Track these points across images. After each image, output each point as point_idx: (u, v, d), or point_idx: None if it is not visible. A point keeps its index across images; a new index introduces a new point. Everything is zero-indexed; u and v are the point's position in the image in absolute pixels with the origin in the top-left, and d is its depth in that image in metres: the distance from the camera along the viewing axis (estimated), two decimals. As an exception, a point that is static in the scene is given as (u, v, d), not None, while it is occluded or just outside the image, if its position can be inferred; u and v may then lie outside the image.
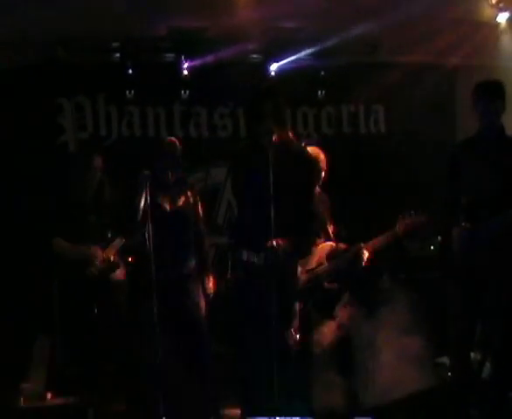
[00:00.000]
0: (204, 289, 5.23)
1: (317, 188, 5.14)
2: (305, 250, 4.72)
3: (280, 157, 4.27)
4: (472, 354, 4.83)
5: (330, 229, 5.36)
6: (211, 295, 5.27)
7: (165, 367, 4.66)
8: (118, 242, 5.30)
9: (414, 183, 6.65)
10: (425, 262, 6.03)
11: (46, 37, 5.91)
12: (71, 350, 5.26)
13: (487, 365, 5.03)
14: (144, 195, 4.80)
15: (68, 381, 5.32)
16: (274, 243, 4.22)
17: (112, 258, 5.27)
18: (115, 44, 6.40)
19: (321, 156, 5.28)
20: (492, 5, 6.17)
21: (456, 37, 6.46)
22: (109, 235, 5.34)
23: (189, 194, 5.19)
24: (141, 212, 4.85)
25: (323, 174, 5.27)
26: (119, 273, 5.39)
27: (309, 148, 5.21)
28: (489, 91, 4.55)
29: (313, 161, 4.75)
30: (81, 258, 5.19)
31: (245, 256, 4.44)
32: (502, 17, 6.32)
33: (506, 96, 4.56)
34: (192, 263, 5.16)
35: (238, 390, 4.69)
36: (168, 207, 5.11)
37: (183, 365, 4.93)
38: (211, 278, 5.28)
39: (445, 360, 5.23)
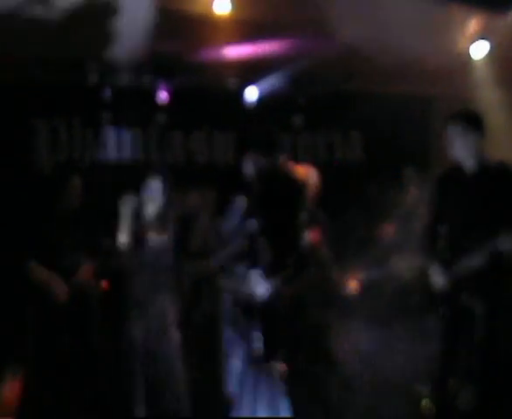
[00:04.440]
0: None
1: None
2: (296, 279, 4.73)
3: (267, 186, 4.27)
4: (452, 382, 4.81)
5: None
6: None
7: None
8: (89, 266, 5.22)
9: (391, 212, 6.66)
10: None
11: (22, 57, 5.86)
12: (43, 378, 5.14)
13: (465, 393, 5.02)
14: (127, 218, 4.76)
15: (40, 410, 5.20)
16: (259, 272, 4.23)
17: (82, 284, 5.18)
18: (92, 66, 6.36)
19: (314, 174, 5.31)
20: (467, 36, 6.24)
21: (432, 68, 6.53)
22: (82, 256, 5.26)
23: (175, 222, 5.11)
24: (123, 235, 4.81)
25: (316, 191, 5.29)
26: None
27: (302, 167, 5.25)
28: (460, 120, 4.46)
29: (300, 186, 4.77)
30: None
31: (234, 284, 4.44)
32: (478, 48, 6.40)
33: (482, 126, 4.50)
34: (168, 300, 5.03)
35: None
36: (150, 237, 5.01)
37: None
38: None
39: (424, 387, 5.21)
